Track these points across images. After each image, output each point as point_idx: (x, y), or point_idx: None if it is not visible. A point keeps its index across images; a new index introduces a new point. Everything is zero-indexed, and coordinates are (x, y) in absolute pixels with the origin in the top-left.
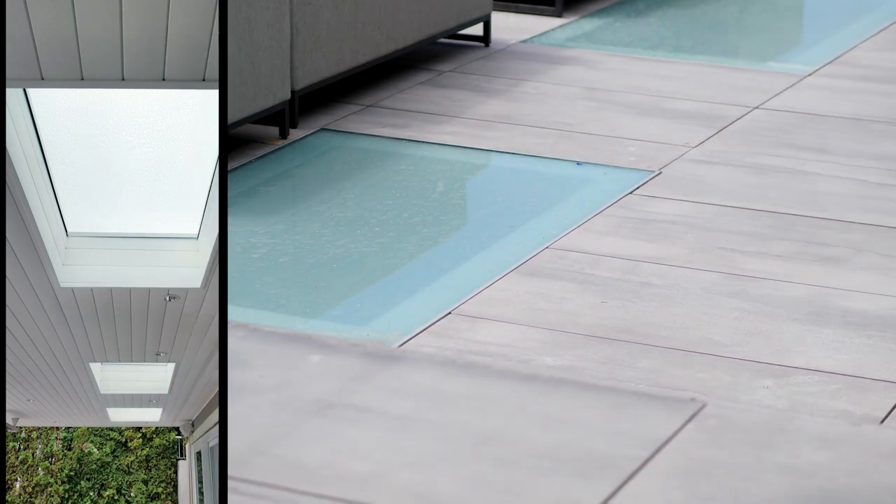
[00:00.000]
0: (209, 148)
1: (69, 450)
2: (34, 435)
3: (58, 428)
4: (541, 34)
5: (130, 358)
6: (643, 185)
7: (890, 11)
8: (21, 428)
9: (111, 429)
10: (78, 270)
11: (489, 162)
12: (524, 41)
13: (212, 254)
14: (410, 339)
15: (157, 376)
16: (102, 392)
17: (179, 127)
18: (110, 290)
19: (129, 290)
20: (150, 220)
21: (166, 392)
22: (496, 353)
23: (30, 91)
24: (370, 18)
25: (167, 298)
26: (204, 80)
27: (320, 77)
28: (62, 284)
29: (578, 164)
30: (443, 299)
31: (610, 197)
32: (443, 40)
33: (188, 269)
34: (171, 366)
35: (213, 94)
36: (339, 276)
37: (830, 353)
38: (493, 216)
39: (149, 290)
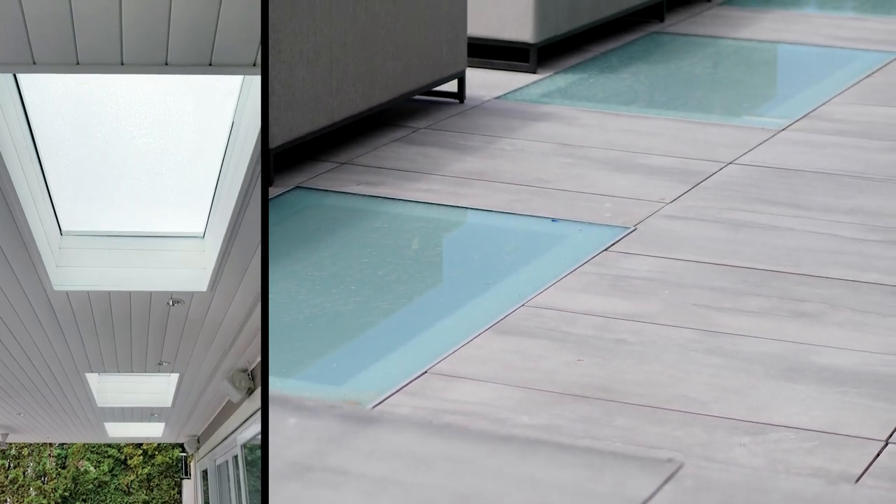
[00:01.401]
0: (215, 139)
1: (63, 468)
2: (25, 452)
3: (51, 444)
4: (515, 90)
5: (130, 368)
6: (618, 241)
7: (862, 66)
8: (11, 444)
9: (109, 445)
10: (73, 272)
11: (465, 219)
12: (499, 97)
13: (219, 254)
14: (387, 398)
15: (159, 388)
16: (100, 405)
17: (183, 116)
18: (108, 293)
19: (129, 293)
20: (151, 217)
21: (169, 405)
22: (472, 413)
23: (20, 76)
24: (345, 76)
25: (170, 303)
26: (210, 64)
27: (295, 135)
28: (56, 287)
29: (554, 220)
30: (418, 358)
31: (585, 254)
32: (417, 97)
33: (193, 270)
34: (175, 376)
35: (218, 80)
36: (314, 335)
37: (806, 409)
38: (469, 274)
39: (150, 293)
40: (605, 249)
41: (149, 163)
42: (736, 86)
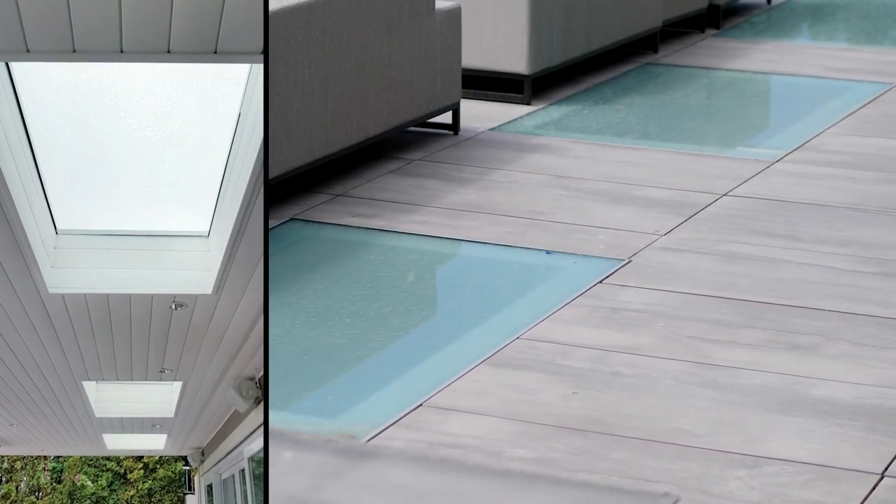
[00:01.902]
0: (221, 131)
1: (59, 482)
2: (18, 465)
3: (46, 457)
4: (509, 122)
5: (130, 376)
6: (613, 273)
7: (855, 97)
8: (4, 457)
9: (108, 458)
10: (69, 274)
11: (459, 251)
12: (493, 129)
13: (224, 255)
14: (382, 431)
15: (161, 397)
16: (98, 415)
17: (187, 107)
18: (107, 296)
19: (129, 296)
20: (152, 215)
21: (172, 415)
22: (468, 446)
23: (13, 65)
24: (340, 108)
25: (173, 306)
26: (215, 52)
27: (290, 167)
28: (51, 290)
29: (548, 253)
30: (414, 391)
31: (580, 286)
32: (412, 128)
33: (197, 272)
34: (178, 385)
35: (224, 69)
36: (309, 368)
37: (802, 442)
38: (464, 306)
39: (151, 296)
40: (600, 282)
41: (150, 157)
42: (730, 117)
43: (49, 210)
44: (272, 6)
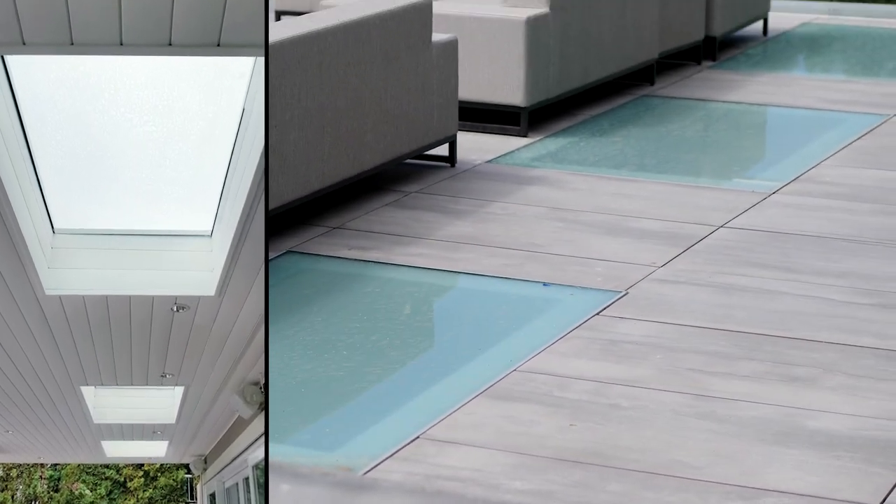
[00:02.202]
0: (224, 127)
1: (56, 491)
2: (14, 473)
3: (43, 465)
4: (506, 154)
5: (130, 380)
6: (610, 305)
7: (852, 129)
8: None
9: (107, 466)
10: (67, 275)
11: (456, 284)
12: (490, 161)
13: (228, 255)
14: (379, 464)
15: (162, 403)
16: (96, 422)
17: (189, 101)
18: (106, 298)
19: (129, 298)
20: (153, 213)
21: (173, 422)
22: (465, 479)
23: (9, 58)
24: (337, 141)
25: (174, 308)
26: (218, 45)
27: (286, 199)
28: (48, 292)
29: (545, 285)
30: (411, 423)
31: (577, 318)
32: (409, 161)
33: (200, 272)
34: (180, 390)
35: (228, 63)
36: (306, 401)
37: (799, 474)
38: (461, 339)
39: (152, 298)
40: (597, 314)
41: (151, 153)
42: (726, 149)
43: (46, 208)
44: (271, 38)
